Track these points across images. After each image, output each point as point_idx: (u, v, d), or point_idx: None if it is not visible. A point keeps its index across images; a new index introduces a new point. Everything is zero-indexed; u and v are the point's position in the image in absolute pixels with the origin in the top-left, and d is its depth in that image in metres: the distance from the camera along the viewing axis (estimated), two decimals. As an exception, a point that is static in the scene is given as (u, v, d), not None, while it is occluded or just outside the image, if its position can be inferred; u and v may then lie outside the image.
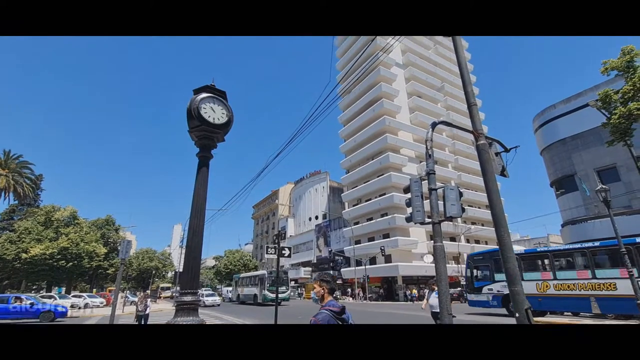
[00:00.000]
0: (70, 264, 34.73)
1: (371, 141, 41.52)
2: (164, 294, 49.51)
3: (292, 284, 43.55)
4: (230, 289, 42.39)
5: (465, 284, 19.54)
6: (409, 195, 6.91)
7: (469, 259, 17.62)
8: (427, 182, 6.59)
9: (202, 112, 3.75)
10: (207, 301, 29.32)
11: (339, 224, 45.40)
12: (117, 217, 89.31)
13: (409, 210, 6.83)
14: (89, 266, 37.55)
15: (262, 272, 31.02)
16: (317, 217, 54.13)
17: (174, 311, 3.39)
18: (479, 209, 41.93)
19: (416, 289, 32.94)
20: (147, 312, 12.13)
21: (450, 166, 43.95)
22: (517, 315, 4.69)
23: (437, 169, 31.66)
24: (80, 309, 26.08)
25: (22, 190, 36.31)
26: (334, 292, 2.52)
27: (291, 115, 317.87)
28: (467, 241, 40.78)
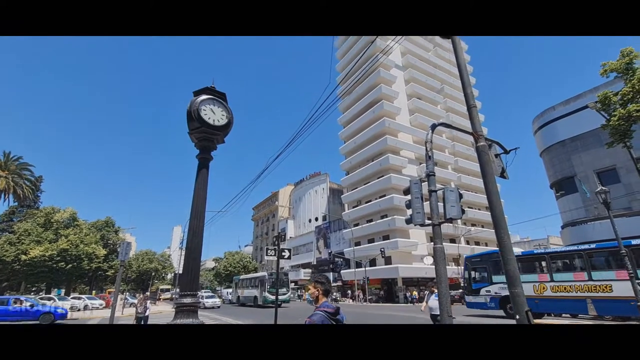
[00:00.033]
0: (69, 265, 34.67)
1: (371, 143, 41.56)
2: (164, 296, 49.43)
3: (292, 285, 43.46)
4: (230, 290, 42.28)
5: (464, 285, 19.55)
6: (408, 197, 6.91)
7: (467, 260, 17.63)
8: (427, 183, 6.59)
9: (202, 114, 3.75)
10: (207, 303, 29.23)
11: (339, 225, 45.37)
12: (117, 218, 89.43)
13: (409, 212, 6.83)
14: (88, 268, 37.48)
15: (262, 274, 30.91)
16: (317, 219, 54.10)
17: (174, 313, 3.39)
18: (479, 210, 41.91)
19: (416, 290, 32.88)
20: (146, 314, 12.10)
21: (450, 168, 43.96)
22: (517, 317, 4.69)
23: (437, 170, 31.65)
24: (79, 310, 26.04)
25: (21, 191, 36.31)
26: (329, 293, 2.52)
27: (291, 116, 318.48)
28: (467, 243, 40.75)
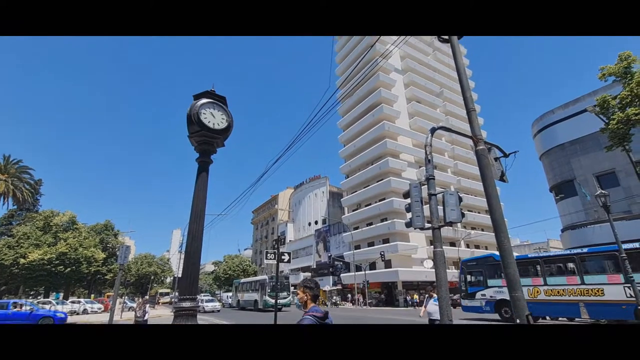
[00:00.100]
0: (68, 269, 34.53)
1: (371, 146, 41.61)
2: (163, 300, 49.25)
3: (293, 289, 43.33)
4: (230, 294, 42.10)
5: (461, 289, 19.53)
6: (408, 200, 6.91)
7: (463, 264, 17.66)
8: (426, 187, 6.60)
9: (202, 118, 3.76)
10: (207, 307, 29.10)
11: (339, 229, 45.30)
12: (116, 222, 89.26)
13: (409, 215, 6.83)
14: (87, 271, 37.34)
15: (262, 277, 30.77)
16: (316, 222, 54.03)
17: (173, 317, 3.38)
18: (479, 213, 41.88)
19: (417, 294, 32.77)
20: (145, 318, 12.04)
21: (449, 171, 43.99)
22: (517, 321, 4.69)
23: (437, 173, 31.57)
24: (78, 314, 25.91)
25: (21, 195, 36.25)
26: (317, 298, 2.57)
27: (291, 120, 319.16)
28: (467, 246, 40.67)
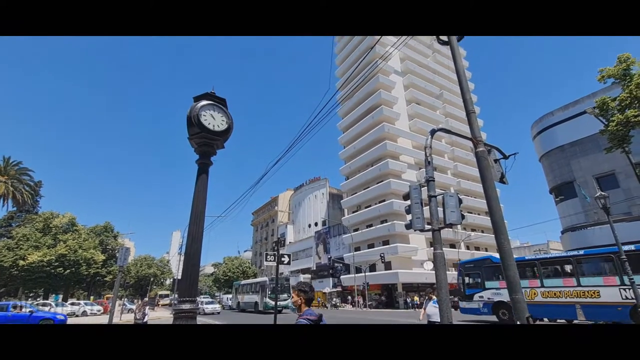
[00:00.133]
0: (68, 271, 34.47)
1: (370, 148, 41.63)
2: (162, 302, 49.12)
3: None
4: (229, 296, 42.01)
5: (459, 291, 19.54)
6: (408, 202, 6.91)
7: (460, 266, 17.65)
8: (426, 189, 6.60)
9: (202, 120, 3.76)
10: (207, 309, 29.01)
11: (339, 230, 45.26)
12: (116, 223, 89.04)
13: (409, 217, 6.83)
14: (86, 273, 37.26)
15: (263, 279, 30.64)
16: (316, 224, 53.98)
17: (172, 319, 3.37)
18: (479, 215, 41.85)
19: (417, 296, 32.69)
20: (145, 320, 12.00)
21: (449, 173, 44.01)
22: (518, 323, 4.69)
23: (436, 175, 31.63)
24: (77, 316, 25.85)
25: (21, 196, 36.22)
26: (311, 302, 2.61)
27: (291, 121, 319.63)
28: (467, 248, 40.62)
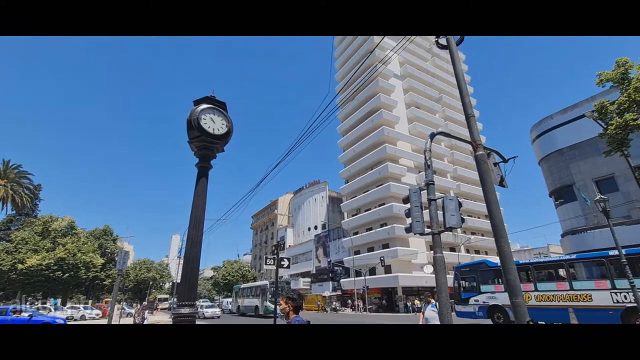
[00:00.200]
0: (66, 274, 34.34)
1: (370, 151, 41.71)
2: (162, 306, 48.80)
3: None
4: (229, 300, 41.79)
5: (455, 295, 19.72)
6: (408, 205, 6.91)
7: (456, 270, 17.77)
8: (426, 192, 6.60)
9: (202, 123, 3.76)
10: (207, 313, 28.81)
11: (338, 234, 45.18)
12: (115, 227, 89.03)
13: (409, 220, 6.83)
14: (85, 277, 37.12)
15: (264, 283, 30.41)
16: (316, 227, 53.90)
17: (171, 323, 3.35)
18: (479, 219, 41.83)
19: (418, 299, 32.56)
20: (144, 324, 11.95)
21: (449, 176, 44.05)
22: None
23: (436, 178, 31.59)
24: (75, 321, 25.71)
25: (20, 200, 36.17)
26: (300, 309, 2.66)
27: (291, 124, 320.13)
28: (467, 251, 40.56)
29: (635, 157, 15.24)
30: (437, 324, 6.93)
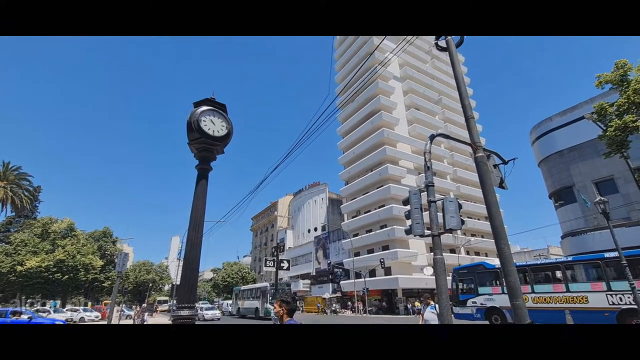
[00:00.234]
0: (66, 276, 34.29)
1: (370, 153, 41.75)
2: (161, 308, 48.77)
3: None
4: (229, 302, 41.70)
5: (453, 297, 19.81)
6: (408, 207, 6.91)
7: (454, 272, 17.82)
8: (426, 194, 6.60)
9: (202, 125, 3.77)
10: (207, 315, 28.74)
11: (338, 235, 45.16)
12: (115, 229, 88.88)
13: (409, 222, 6.83)
14: (85, 279, 37.08)
15: (264, 284, 30.30)
16: (316, 229, 53.87)
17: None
18: (479, 220, 41.82)
19: (418, 301, 32.47)
20: (143, 326, 11.93)
21: (448, 178, 44.07)
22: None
23: (436, 180, 31.47)
24: (75, 323, 25.65)
25: (19, 202, 36.13)
26: (293, 312, 2.71)
27: (291, 124, 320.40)
28: (467, 253, 40.53)
29: (634, 158, 15.27)
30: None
